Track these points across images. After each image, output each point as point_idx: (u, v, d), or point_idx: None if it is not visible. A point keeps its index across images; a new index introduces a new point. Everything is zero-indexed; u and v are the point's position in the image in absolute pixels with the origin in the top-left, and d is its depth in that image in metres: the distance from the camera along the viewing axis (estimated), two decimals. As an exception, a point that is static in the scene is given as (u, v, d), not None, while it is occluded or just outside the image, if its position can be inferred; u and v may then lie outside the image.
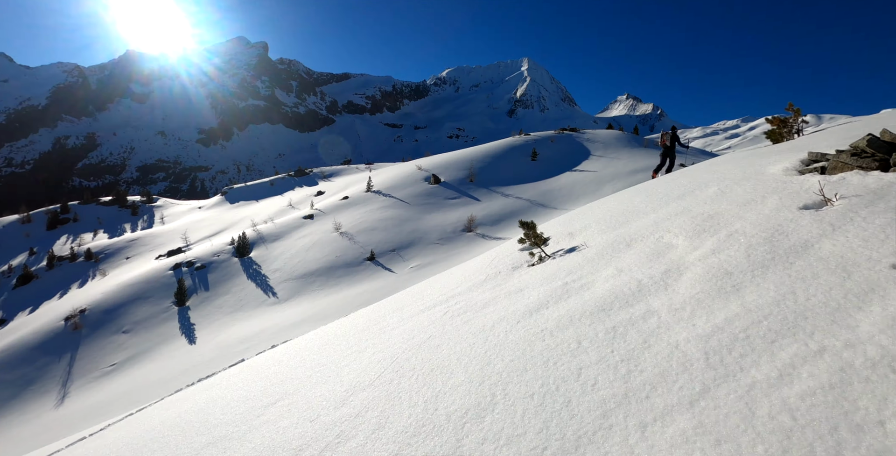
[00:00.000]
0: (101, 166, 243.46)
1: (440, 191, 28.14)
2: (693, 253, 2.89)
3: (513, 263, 4.96)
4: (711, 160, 7.37)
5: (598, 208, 5.91)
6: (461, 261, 17.59)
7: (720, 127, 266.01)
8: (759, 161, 4.67)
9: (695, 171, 5.91)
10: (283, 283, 19.25)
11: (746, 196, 3.50)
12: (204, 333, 17.21)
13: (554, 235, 5.34)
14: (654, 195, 5.11)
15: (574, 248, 4.38)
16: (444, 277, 6.65)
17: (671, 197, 4.65)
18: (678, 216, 3.75)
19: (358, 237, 22.19)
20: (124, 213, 50.21)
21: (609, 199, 6.81)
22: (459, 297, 4.50)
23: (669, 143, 11.53)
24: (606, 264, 3.42)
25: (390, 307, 5.70)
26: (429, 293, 5.39)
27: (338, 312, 14.84)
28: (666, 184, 5.61)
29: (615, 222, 4.63)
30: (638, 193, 5.81)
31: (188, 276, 22.16)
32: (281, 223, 26.72)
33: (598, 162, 32.68)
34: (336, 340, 5.14)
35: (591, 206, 6.57)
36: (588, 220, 5.36)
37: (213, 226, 36.89)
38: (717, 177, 4.65)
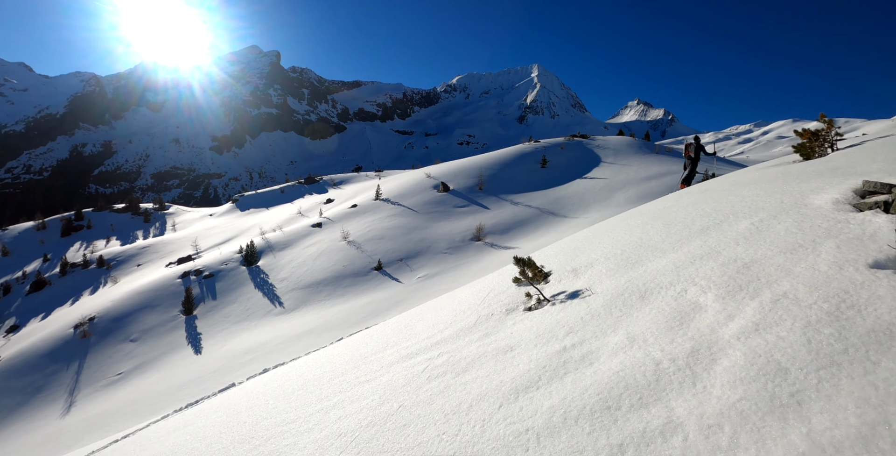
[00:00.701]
0: (116, 173, 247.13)
1: (449, 199, 27.98)
2: (728, 325, 2.20)
3: (508, 304, 4.42)
4: (734, 176, 6.56)
5: (606, 237, 5.26)
6: (469, 272, 17.38)
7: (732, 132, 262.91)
8: (797, 185, 3.99)
9: (718, 195, 5.09)
10: (290, 292, 19.15)
11: (791, 239, 2.81)
12: (210, 342, 17.13)
13: (555, 270, 4.79)
14: (672, 225, 4.46)
15: (577, 292, 3.78)
16: (437, 307, 6.11)
17: (693, 230, 3.98)
18: (704, 260, 3.11)
19: (366, 246, 22.07)
20: (137, 220, 50.64)
21: (619, 223, 5.99)
22: (444, 344, 4.05)
23: (694, 154, 11.31)
24: (615, 325, 2.81)
25: (375, 345, 5.36)
26: (418, 330, 5.05)
27: (343, 322, 14.69)
28: (685, 210, 4.88)
29: (626, 260, 3.98)
30: (653, 221, 5.08)
31: (196, 284, 22.17)
32: (289, 231, 26.72)
33: (609, 169, 32.34)
34: (312, 384, 4.86)
35: (599, 234, 5.74)
36: (595, 253, 4.71)
37: (224, 233, 37.03)
38: (748, 205, 3.96)
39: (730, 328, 2.17)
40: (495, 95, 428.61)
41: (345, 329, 13.83)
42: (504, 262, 17.52)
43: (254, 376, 9.60)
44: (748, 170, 7.31)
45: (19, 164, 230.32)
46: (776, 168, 5.90)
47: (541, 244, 19.40)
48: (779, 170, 5.52)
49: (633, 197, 25.42)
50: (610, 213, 23.19)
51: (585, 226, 21.52)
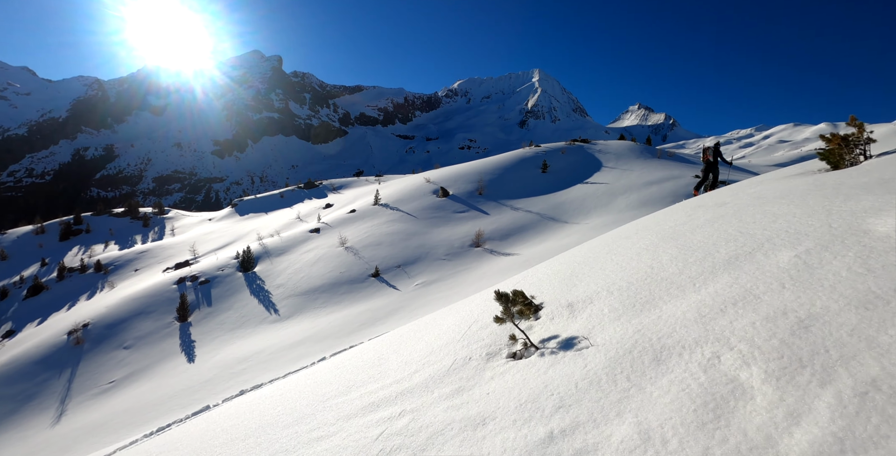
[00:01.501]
0: (118, 177, 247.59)
1: (448, 204, 27.68)
2: (793, 433, 1.46)
3: (490, 344, 3.79)
4: (753, 187, 5.62)
5: (609, 261, 4.49)
6: (467, 279, 17.06)
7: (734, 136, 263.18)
8: (842, 203, 3.28)
9: (741, 211, 4.24)
10: (286, 299, 18.83)
11: (861, 284, 2.06)
12: (204, 350, 16.82)
13: (547, 302, 4.09)
14: (689, 250, 3.68)
15: (573, 340, 3.09)
16: (416, 337, 5.44)
17: (717, 260, 3.18)
18: (740, 308, 2.37)
19: (363, 252, 21.76)
20: (136, 224, 50.44)
21: (623, 242, 5.14)
22: (410, 397, 3.47)
23: (713, 159, 11.07)
24: (621, 404, 2.10)
25: (342, 382, 4.76)
26: (390, 365, 4.53)
27: (338, 331, 14.37)
28: (703, 230, 4.10)
29: (634, 298, 3.23)
30: (664, 242, 4.25)
31: (192, 290, 21.86)
32: (287, 237, 26.41)
33: (611, 174, 32.05)
34: (263, 432, 4.34)
35: (600, 254, 4.96)
36: (595, 283, 3.96)
37: (222, 238, 36.77)
38: (785, 228, 3.20)
39: (796, 441, 1.41)
40: (496, 100, 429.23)
41: (339, 338, 13.52)
42: (503, 269, 17.21)
43: (230, 399, 9.29)
44: (766, 178, 6.47)
45: (21, 168, 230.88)
46: (803, 178, 5.05)
47: (541, 251, 19.09)
48: (808, 181, 4.65)
49: (634, 202, 25.13)
50: (611, 219, 22.87)
51: (586, 232, 21.19)
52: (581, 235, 20.74)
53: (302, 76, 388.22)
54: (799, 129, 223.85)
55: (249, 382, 11.79)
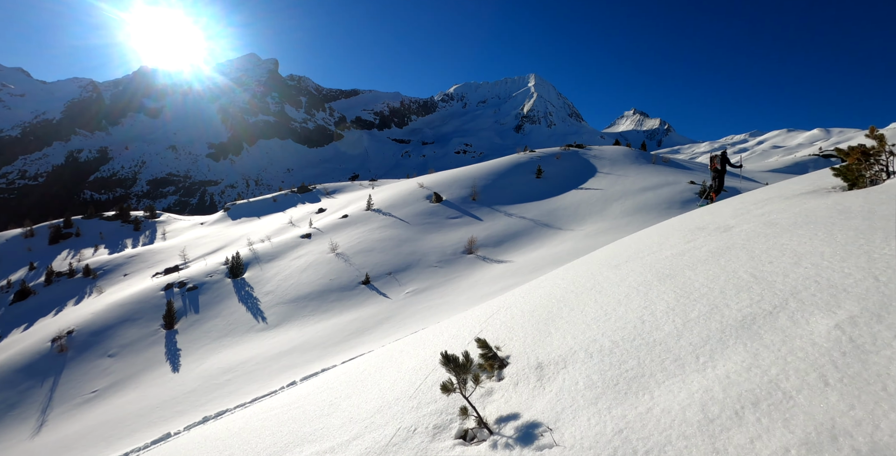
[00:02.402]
0: (112, 180, 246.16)
1: (441, 210, 27.40)
2: None
3: (441, 413, 3.18)
4: (762, 208, 4.83)
5: (591, 301, 3.75)
6: (459, 287, 16.78)
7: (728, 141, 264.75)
8: (883, 243, 2.59)
9: (752, 243, 3.53)
10: (275, 307, 18.47)
11: None
12: (189, 359, 16.44)
13: (516, 355, 3.44)
14: (692, 299, 2.92)
15: (534, 429, 2.44)
16: (371, 382, 4.94)
17: (728, 320, 2.47)
18: (763, 416, 1.69)
19: (354, 259, 21.42)
20: (127, 228, 49.89)
21: (611, 275, 4.36)
22: None
23: (720, 167, 11.01)
24: None
25: (279, 438, 4.24)
26: (335, 421, 3.99)
27: (325, 341, 14.05)
28: (707, 268, 3.38)
29: (618, 369, 2.55)
30: (659, 282, 3.48)
31: (179, 297, 21.46)
32: (277, 242, 26.05)
33: (606, 179, 31.91)
34: None
35: (583, 291, 4.15)
36: (573, 337, 3.22)
37: (213, 243, 36.36)
38: (816, 277, 2.48)
39: None
40: (492, 105, 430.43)
41: (325, 349, 13.21)
42: (495, 277, 16.94)
43: (192, 426, 8.98)
44: (773, 195, 5.55)
45: (14, 170, 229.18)
46: (819, 199, 4.31)
47: (534, 258, 18.84)
48: (827, 204, 3.90)
49: (629, 209, 24.95)
50: (606, 226, 22.67)
51: (581, 239, 20.96)
52: (575, 242, 20.51)
53: (298, 80, 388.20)
54: (792, 135, 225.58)
55: (231, 395, 11.47)
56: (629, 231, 21.09)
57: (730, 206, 6.02)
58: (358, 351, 12.34)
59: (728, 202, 6.77)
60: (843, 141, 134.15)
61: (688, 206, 24.08)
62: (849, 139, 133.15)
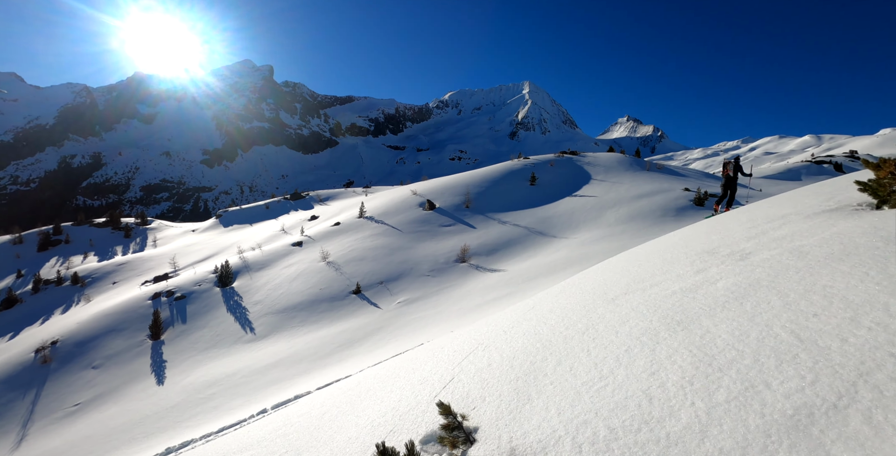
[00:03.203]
0: (105, 185, 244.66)
1: (434, 217, 27.13)
2: None
3: None
4: (783, 228, 4.19)
5: (584, 357, 3.01)
6: (451, 297, 16.48)
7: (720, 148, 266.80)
8: None
9: (783, 279, 2.89)
10: (263, 317, 18.09)
11: None
12: (175, 372, 16.03)
13: (485, 428, 2.76)
14: (716, 367, 2.21)
15: None
16: (339, 419, 4.61)
17: (771, 409, 1.77)
18: None
19: (345, 268, 21.07)
20: (117, 235, 49.33)
21: (607, 308, 3.74)
22: None
23: (733, 174, 10.69)
24: None
25: None
26: None
27: (314, 353, 13.72)
28: (729, 316, 2.67)
29: None
30: (668, 332, 2.79)
31: (166, 306, 21.04)
32: (268, 251, 25.65)
33: (600, 186, 31.79)
34: None
35: (573, 336, 3.42)
36: (558, 413, 2.51)
37: (204, 250, 35.94)
38: (889, 344, 1.83)
39: None
40: (487, 111, 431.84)
41: (313, 361, 12.87)
42: (488, 287, 16.67)
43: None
44: (788, 210, 4.85)
45: (6, 175, 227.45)
46: (851, 220, 3.67)
47: (528, 267, 18.59)
48: (863, 228, 3.31)
49: (624, 216, 24.78)
50: (600, 234, 22.47)
51: (575, 247, 20.73)
52: (569, 250, 20.28)
53: (293, 86, 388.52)
54: (784, 142, 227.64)
55: (214, 411, 11.13)
56: (624, 239, 20.89)
57: (738, 222, 5.33)
58: (345, 365, 12.01)
59: (735, 217, 6.04)
60: (835, 147, 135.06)
61: (683, 213, 23.94)
62: (840, 145, 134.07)
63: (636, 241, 20.03)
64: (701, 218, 22.54)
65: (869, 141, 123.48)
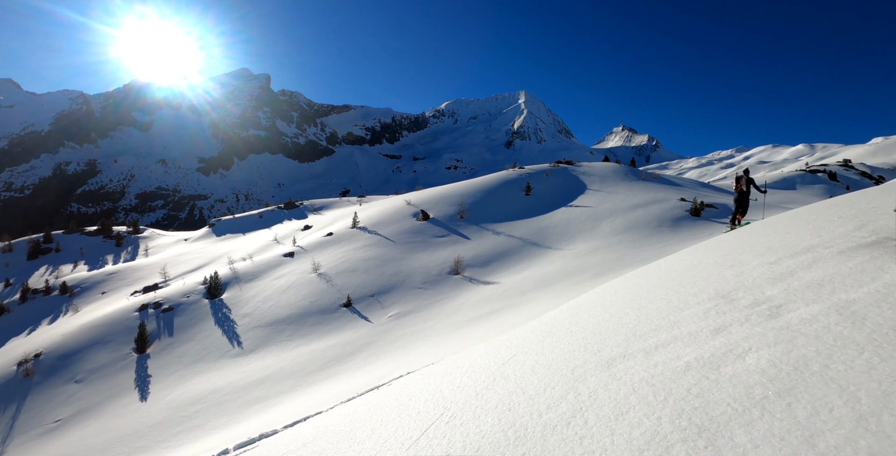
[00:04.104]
0: (99, 193, 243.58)
1: (428, 228, 26.82)
2: None
3: None
4: (810, 259, 3.53)
5: (571, 432, 2.41)
6: (443, 310, 16.13)
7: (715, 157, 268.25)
8: None
9: (836, 359, 2.11)
10: (252, 330, 17.67)
11: None
12: (159, 387, 15.58)
13: None
14: None
15: None
16: None
17: None
18: None
19: (336, 279, 20.70)
20: (109, 243, 48.81)
21: (597, 385, 2.84)
22: None
23: (746, 188, 10.39)
24: None
25: None
26: None
27: (301, 369, 13.33)
28: (773, 422, 1.84)
29: None
30: (687, 445, 1.90)
31: (154, 318, 20.59)
32: (259, 261, 25.25)
33: (595, 196, 31.59)
34: None
35: (557, 424, 2.58)
36: None
37: (196, 260, 35.50)
38: None
39: None
40: (483, 121, 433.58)
41: (300, 378, 12.49)
42: (481, 300, 16.34)
43: None
44: (807, 236, 4.17)
45: (0, 182, 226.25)
46: None
47: (522, 279, 18.27)
48: None
49: (619, 227, 24.54)
50: (596, 245, 22.20)
51: (570, 259, 20.43)
52: (564, 262, 19.99)
53: (290, 95, 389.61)
54: (778, 150, 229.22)
55: (195, 430, 10.72)
56: (620, 251, 20.61)
57: (754, 252, 4.42)
58: (334, 381, 11.64)
59: (748, 243, 5.16)
60: (828, 156, 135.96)
61: (679, 224, 23.70)
62: (833, 154, 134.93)
63: (632, 252, 19.76)
64: (697, 229, 22.33)
65: (862, 149, 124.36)
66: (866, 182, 58.32)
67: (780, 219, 6.07)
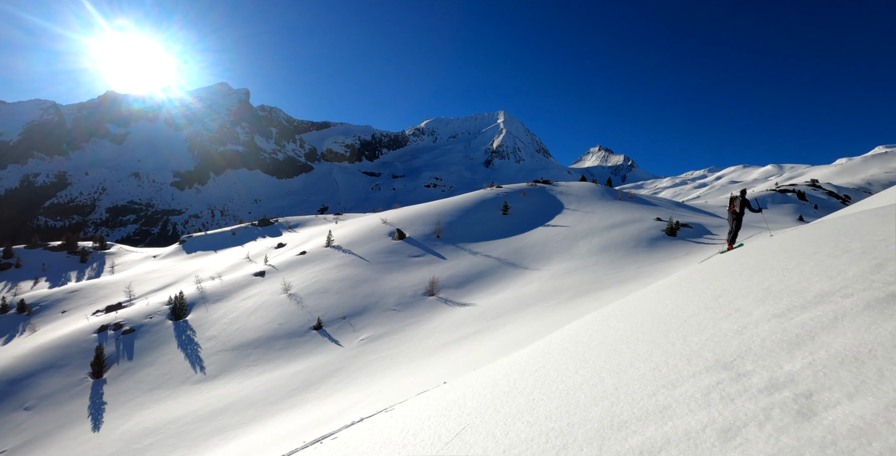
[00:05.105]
0: (69, 206, 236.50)
1: (404, 247, 26.38)
2: None
3: None
4: (833, 313, 2.58)
5: None
6: (417, 334, 15.66)
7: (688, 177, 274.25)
8: None
9: None
10: (216, 354, 16.88)
11: None
12: (114, 415, 14.67)
13: None
14: None
15: None
16: None
17: None
18: None
19: (307, 300, 20.05)
20: (73, 259, 47.02)
21: None
22: None
23: (740, 209, 10.46)
24: None
25: None
26: None
27: (266, 397, 12.67)
28: None
29: None
30: None
31: (113, 341, 19.60)
32: (228, 281, 24.41)
33: (572, 216, 31.64)
34: None
35: None
36: None
37: (163, 278, 34.32)
38: None
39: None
40: (462, 140, 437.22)
41: (263, 408, 11.84)
42: (456, 323, 15.92)
43: None
44: (817, 277, 3.40)
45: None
46: None
47: (499, 301, 17.93)
48: None
49: (596, 247, 24.49)
50: (573, 266, 22.05)
51: (547, 280, 20.21)
52: (541, 283, 19.75)
53: (269, 110, 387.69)
54: (748, 171, 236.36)
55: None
56: (597, 271, 20.48)
57: (754, 296, 3.59)
58: (299, 411, 11.03)
59: (742, 280, 4.29)
60: (796, 176, 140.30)
61: (655, 244, 23.74)
62: (800, 175, 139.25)
63: (609, 273, 19.63)
64: (674, 249, 22.38)
65: (827, 170, 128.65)
66: (833, 201, 60.00)
67: (770, 247, 5.48)
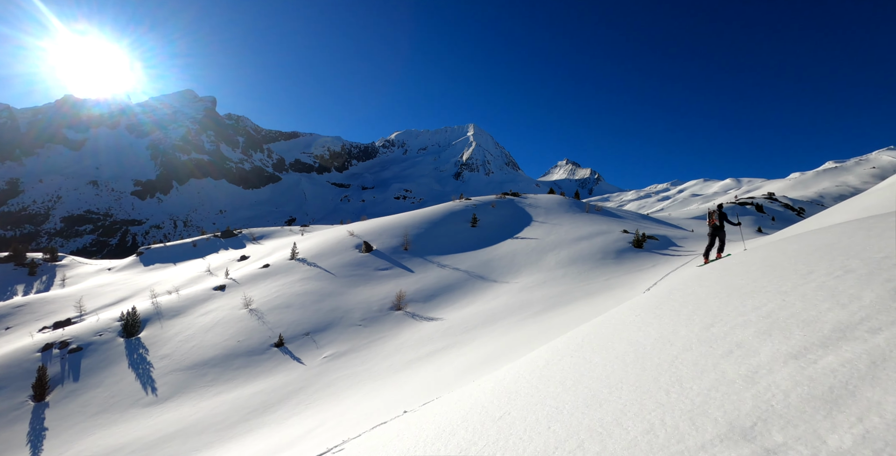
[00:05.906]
0: (21, 215, 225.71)
1: (370, 260, 25.84)
2: None
3: None
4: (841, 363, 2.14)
5: None
6: (383, 350, 15.17)
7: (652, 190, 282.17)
8: None
9: None
10: (169, 374, 15.96)
11: None
12: (55, 443, 13.62)
13: None
14: None
15: None
16: None
17: None
18: None
19: (269, 316, 19.29)
20: (21, 272, 44.52)
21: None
22: None
23: (719, 223, 10.54)
24: None
25: None
26: None
27: (221, 421, 11.95)
28: None
29: None
30: None
31: (58, 360, 18.38)
32: (186, 295, 23.34)
33: (541, 228, 31.73)
34: None
35: None
36: None
37: (118, 292, 32.74)
38: None
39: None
40: (432, 152, 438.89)
41: (218, 433, 11.14)
42: (423, 339, 15.50)
43: None
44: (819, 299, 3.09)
45: None
46: None
47: (466, 315, 17.62)
48: None
49: (564, 260, 24.51)
50: (541, 278, 21.96)
51: (515, 293, 20.02)
52: (509, 297, 19.55)
53: (236, 119, 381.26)
54: (708, 184, 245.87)
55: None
56: (565, 284, 20.42)
57: (757, 329, 3.04)
58: (255, 436, 10.40)
59: (734, 304, 3.76)
60: (753, 189, 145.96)
61: (622, 256, 23.91)
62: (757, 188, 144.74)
63: (577, 286, 19.59)
64: (640, 261, 22.56)
65: (782, 184, 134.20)
66: (790, 214, 62.29)
67: (753, 264, 5.08)
